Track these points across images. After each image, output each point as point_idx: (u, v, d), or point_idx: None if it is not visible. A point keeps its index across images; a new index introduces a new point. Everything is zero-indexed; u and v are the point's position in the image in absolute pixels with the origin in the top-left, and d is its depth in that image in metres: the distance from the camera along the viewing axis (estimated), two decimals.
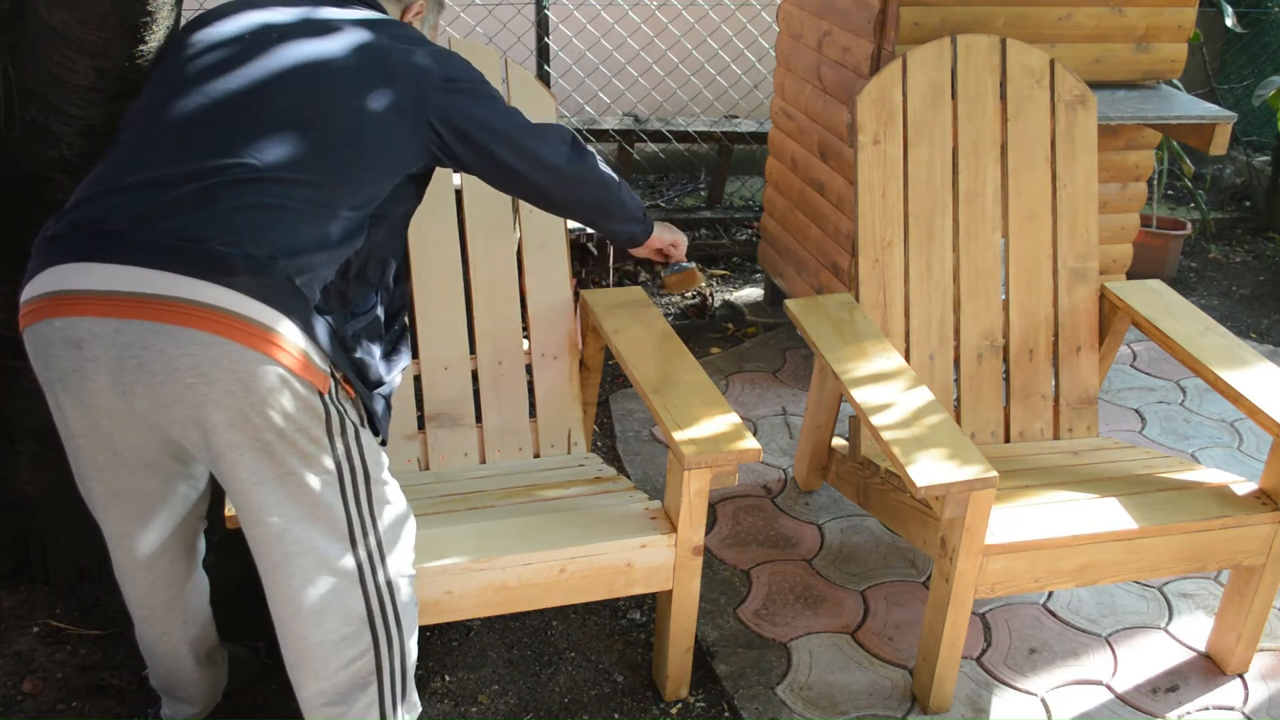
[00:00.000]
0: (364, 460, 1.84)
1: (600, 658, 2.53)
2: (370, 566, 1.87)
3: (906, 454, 2.17)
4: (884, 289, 2.74)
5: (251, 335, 1.63)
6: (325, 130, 1.79)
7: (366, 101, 1.83)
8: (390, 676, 1.93)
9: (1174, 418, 3.58)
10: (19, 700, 2.32)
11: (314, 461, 1.77)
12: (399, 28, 1.97)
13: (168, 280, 1.62)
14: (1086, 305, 2.86)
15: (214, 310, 1.62)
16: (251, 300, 1.65)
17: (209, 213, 1.67)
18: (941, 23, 3.13)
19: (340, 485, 1.81)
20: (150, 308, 1.61)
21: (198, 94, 1.79)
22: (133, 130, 1.81)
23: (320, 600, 1.83)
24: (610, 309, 2.65)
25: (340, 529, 1.82)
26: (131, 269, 1.62)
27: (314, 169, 1.76)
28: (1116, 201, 3.63)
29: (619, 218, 2.25)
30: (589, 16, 5.34)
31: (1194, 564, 2.38)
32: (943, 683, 2.34)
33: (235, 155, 1.72)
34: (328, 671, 1.88)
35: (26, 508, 2.55)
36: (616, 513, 2.27)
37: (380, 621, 1.89)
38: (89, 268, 1.63)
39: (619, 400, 3.57)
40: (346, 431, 1.80)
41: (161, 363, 1.62)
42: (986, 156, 2.81)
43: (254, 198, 1.70)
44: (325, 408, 1.75)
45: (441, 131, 1.92)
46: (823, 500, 3.08)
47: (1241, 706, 2.44)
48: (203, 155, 1.71)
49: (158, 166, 1.71)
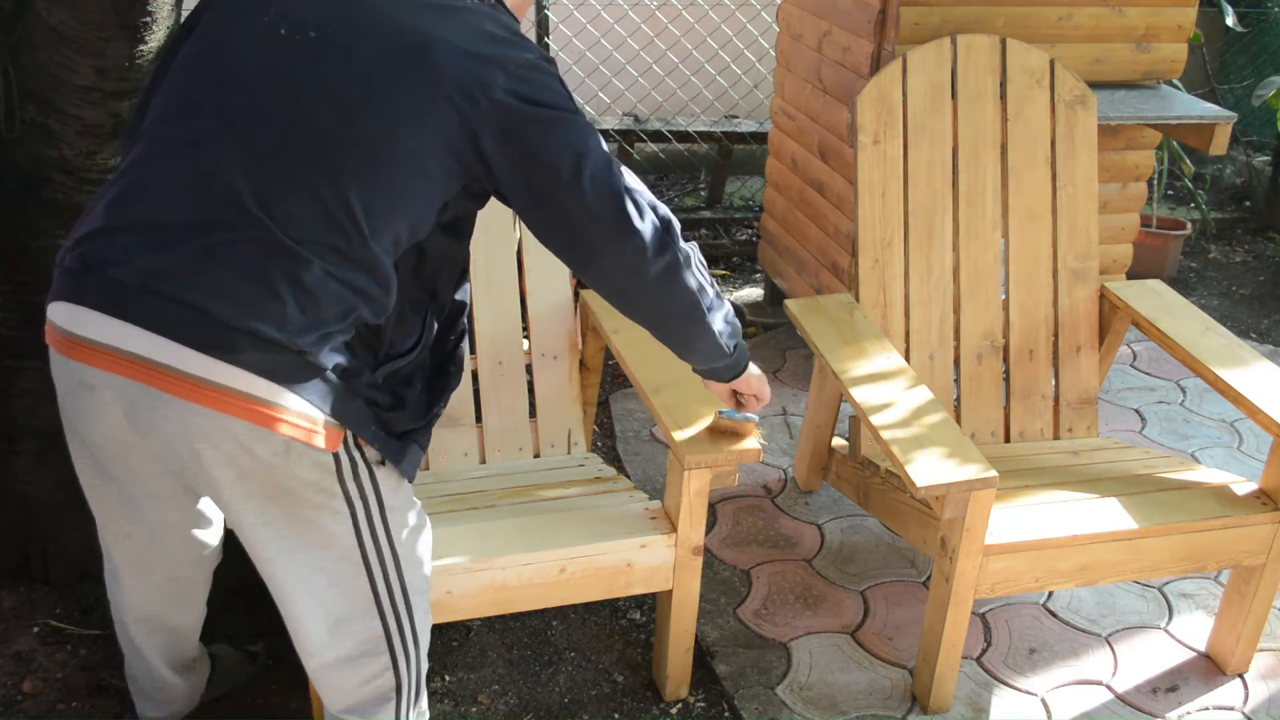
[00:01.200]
0: (379, 494, 1.75)
1: (600, 658, 2.53)
2: (388, 589, 1.82)
3: (906, 454, 2.17)
4: (884, 289, 2.74)
5: (251, 410, 1.58)
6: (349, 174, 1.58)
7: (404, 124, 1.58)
8: (408, 689, 1.92)
9: (1174, 418, 3.58)
10: (19, 700, 2.32)
11: (324, 507, 1.71)
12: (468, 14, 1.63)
13: (169, 350, 1.56)
14: (1086, 305, 2.86)
15: (212, 386, 1.56)
16: (255, 377, 1.57)
17: (216, 279, 1.56)
18: (941, 23, 3.13)
19: (354, 519, 1.74)
20: (153, 374, 1.57)
21: (217, 101, 1.62)
22: (149, 146, 1.65)
23: (336, 625, 1.81)
24: (610, 309, 2.64)
25: (354, 557, 1.77)
26: (136, 330, 1.56)
27: (335, 227, 1.58)
28: (1116, 201, 3.63)
29: (698, 349, 1.91)
30: (589, 16, 5.34)
31: (1194, 564, 2.38)
32: (943, 683, 2.34)
33: (246, 207, 1.56)
34: (349, 687, 1.87)
35: (27, 508, 2.55)
36: (617, 513, 2.27)
37: (398, 639, 1.86)
38: (96, 317, 1.58)
39: (619, 400, 3.57)
40: (359, 475, 1.71)
41: (171, 424, 1.60)
42: (986, 156, 2.81)
43: (264, 265, 1.56)
44: (336, 460, 1.67)
45: (491, 161, 1.62)
46: (823, 500, 3.08)
47: (1241, 706, 2.44)
48: (213, 201, 1.57)
49: (169, 206, 1.59)
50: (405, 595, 1.85)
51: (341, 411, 1.65)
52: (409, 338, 1.77)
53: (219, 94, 1.63)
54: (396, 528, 1.81)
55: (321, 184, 1.58)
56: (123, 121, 2.24)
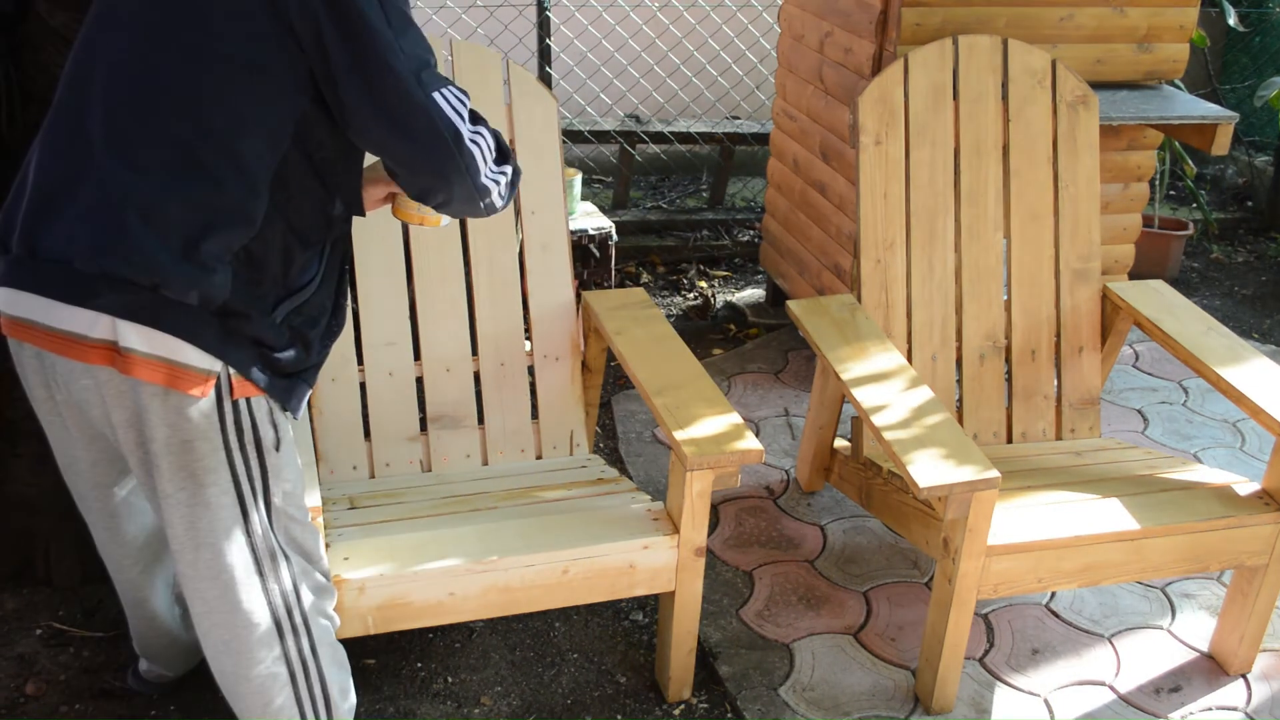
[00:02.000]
0: (266, 482, 1.80)
1: (603, 659, 2.53)
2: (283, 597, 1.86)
3: (908, 455, 2.17)
4: (886, 290, 2.74)
5: (113, 357, 1.65)
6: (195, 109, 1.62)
7: (213, 37, 1.62)
8: (311, 704, 1.94)
9: (1176, 418, 3.58)
10: (21, 703, 2.32)
11: (208, 479, 1.75)
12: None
13: (44, 307, 1.65)
14: (1089, 305, 2.86)
15: (74, 338, 1.65)
16: (116, 321, 1.62)
17: (74, 229, 1.62)
18: (943, 23, 3.13)
19: (243, 511, 1.79)
20: (36, 334, 1.68)
21: (84, 74, 1.69)
22: (44, 129, 1.73)
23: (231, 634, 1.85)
24: (612, 310, 2.65)
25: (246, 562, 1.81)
26: (23, 294, 1.67)
27: (182, 152, 1.62)
28: (1118, 202, 3.63)
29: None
30: (590, 18, 5.35)
31: (1197, 564, 2.37)
32: (945, 683, 2.34)
33: (98, 153, 1.62)
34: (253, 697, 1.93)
35: (29, 510, 2.55)
36: (619, 514, 2.27)
37: (295, 651, 1.90)
38: (5, 292, 1.69)
39: (621, 401, 3.57)
40: (245, 442, 1.75)
41: (62, 367, 1.72)
42: (988, 157, 2.81)
43: (111, 203, 1.60)
44: (220, 413, 1.72)
45: (305, 38, 1.62)
46: (825, 501, 3.08)
47: (1244, 707, 2.44)
48: (73, 158, 1.65)
49: (43, 168, 1.68)
50: (298, 597, 1.88)
51: (219, 350, 1.68)
52: (305, 273, 1.79)
53: (86, 69, 1.70)
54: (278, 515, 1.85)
55: (168, 116, 1.63)
56: None
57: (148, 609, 2.20)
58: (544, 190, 2.68)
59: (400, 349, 2.59)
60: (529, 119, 2.67)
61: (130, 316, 1.62)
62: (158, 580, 2.18)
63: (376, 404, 2.58)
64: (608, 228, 3.92)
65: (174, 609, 2.24)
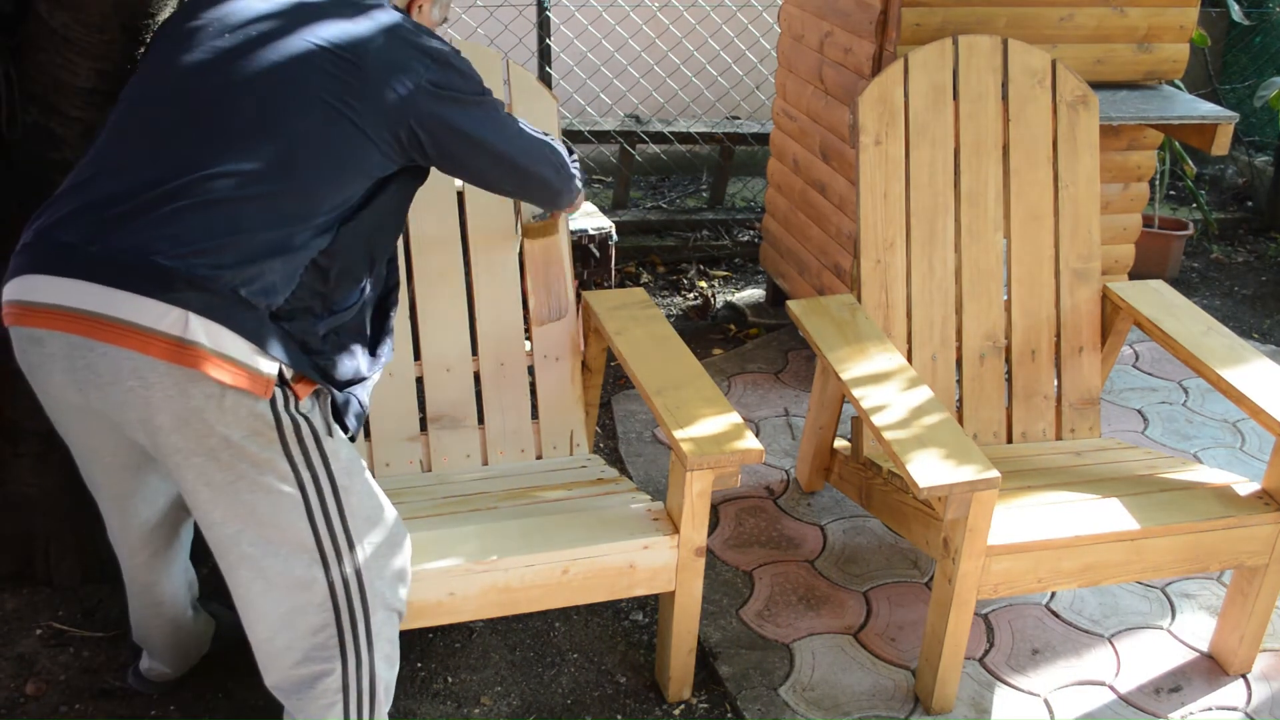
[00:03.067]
0: (329, 470, 1.82)
1: (603, 659, 2.53)
2: (344, 586, 1.86)
3: (908, 455, 2.17)
4: (886, 290, 2.74)
5: (179, 353, 1.65)
6: (287, 137, 1.76)
7: (338, 104, 1.79)
8: (358, 697, 1.94)
9: (1176, 418, 3.58)
10: (21, 703, 2.32)
11: (266, 469, 1.76)
12: (394, 21, 1.89)
13: (107, 296, 1.65)
14: (1089, 306, 2.86)
15: (141, 330, 1.64)
16: (188, 315, 1.65)
17: (158, 228, 1.67)
18: (943, 23, 3.13)
19: (305, 499, 1.80)
20: (87, 323, 1.66)
21: (169, 97, 1.79)
22: (108, 133, 1.81)
23: (283, 612, 1.85)
24: (612, 310, 2.65)
25: (306, 544, 1.82)
26: (78, 283, 1.66)
27: (271, 179, 1.74)
28: (1118, 202, 3.63)
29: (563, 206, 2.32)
30: (590, 18, 5.35)
31: (1197, 564, 2.37)
32: (945, 683, 2.34)
33: (193, 169, 1.71)
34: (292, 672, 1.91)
35: (29, 509, 2.55)
36: (619, 514, 2.27)
37: (350, 638, 1.89)
38: (45, 280, 1.68)
39: (621, 401, 3.57)
40: (304, 439, 1.78)
41: (106, 365, 1.68)
42: (988, 157, 2.81)
43: (205, 210, 1.69)
44: (275, 415, 1.74)
45: (421, 138, 1.87)
46: (825, 501, 3.08)
47: (1244, 707, 2.44)
48: (162, 167, 1.72)
49: (119, 177, 1.72)
50: (361, 589, 1.88)
51: (279, 351, 1.73)
52: (350, 295, 1.90)
53: (173, 94, 1.80)
54: (354, 517, 1.86)
55: (265, 149, 1.74)
56: None
57: (154, 594, 2.19)
58: None
59: (400, 349, 2.59)
60: (529, 119, 2.67)
61: (205, 313, 1.65)
62: (168, 565, 2.17)
63: (377, 404, 2.58)
64: (608, 228, 3.92)
65: (180, 597, 2.23)
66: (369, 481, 1.91)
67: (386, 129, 1.83)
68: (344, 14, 1.86)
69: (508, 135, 2.00)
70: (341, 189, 1.81)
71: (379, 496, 1.93)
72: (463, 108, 1.91)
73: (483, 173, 2.02)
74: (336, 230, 1.82)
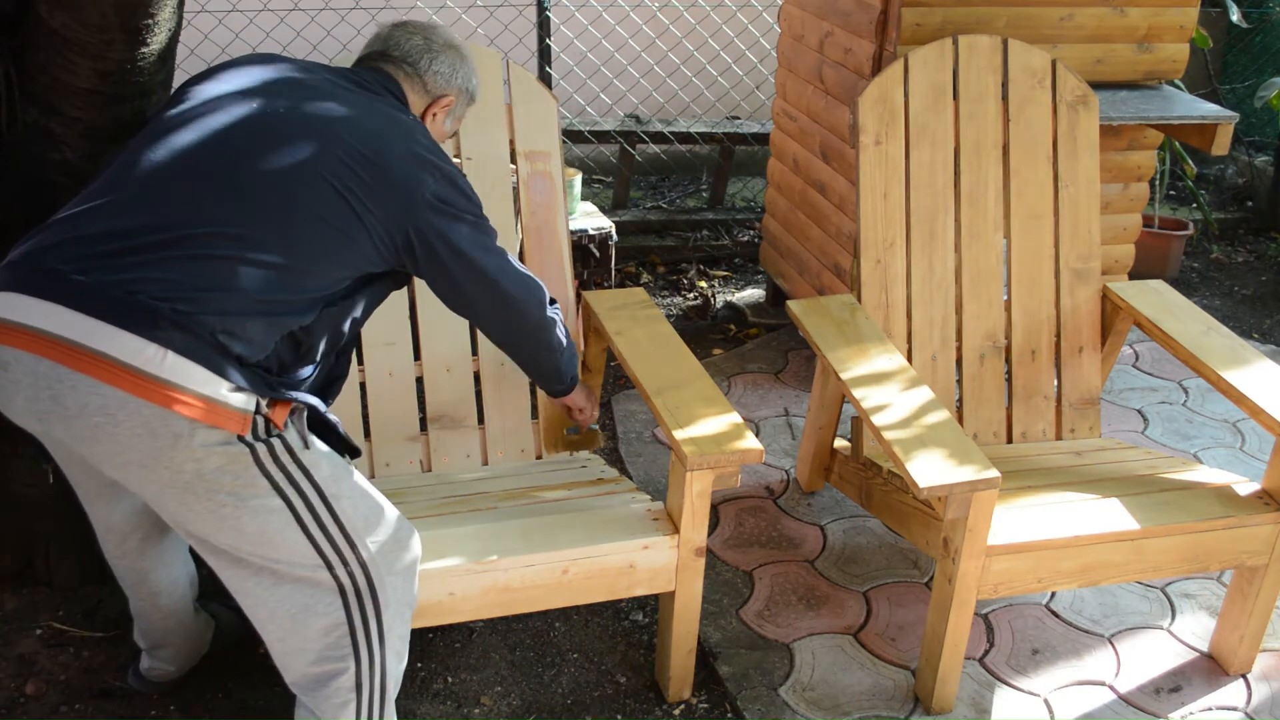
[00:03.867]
0: (313, 482, 1.81)
1: (603, 659, 2.53)
2: (353, 585, 1.87)
3: (908, 454, 2.17)
4: (886, 290, 2.74)
5: (151, 390, 1.65)
6: (295, 212, 1.80)
7: (348, 195, 1.84)
8: (370, 694, 1.94)
9: (1176, 418, 3.58)
10: (22, 703, 2.32)
11: (247, 494, 1.75)
12: (410, 128, 1.98)
13: (85, 325, 1.64)
14: (1089, 306, 2.86)
15: (117, 364, 1.64)
16: (166, 353, 1.65)
17: (148, 270, 1.69)
18: (943, 23, 3.13)
19: (295, 514, 1.80)
20: (59, 349, 1.65)
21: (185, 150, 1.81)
22: (116, 170, 1.82)
23: (291, 613, 1.86)
24: (612, 310, 2.65)
25: (306, 553, 1.82)
26: (59, 309, 1.66)
27: (271, 248, 1.77)
28: (1118, 202, 3.63)
29: (549, 378, 2.35)
30: (590, 18, 5.35)
31: (1197, 564, 2.37)
32: (945, 683, 2.34)
33: (196, 224, 1.74)
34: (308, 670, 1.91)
35: (29, 510, 2.55)
36: (619, 514, 2.27)
37: (363, 636, 1.90)
38: (23, 300, 1.68)
39: (621, 401, 3.57)
40: (280, 458, 1.77)
41: (73, 398, 1.67)
42: (988, 157, 2.81)
43: (200, 263, 1.72)
44: (248, 443, 1.73)
45: (415, 244, 1.94)
46: (825, 501, 3.08)
47: (1244, 707, 2.44)
48: (165, 215, 1.74)
49: (118, 216, 1.73)
50: (371, 587, 1.88)
51: (250, 384, 1.73)
52: (304, 370, 1.92)
53: (189, 147, 1.82)
54: (351, 520, 1.86)
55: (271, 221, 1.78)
56: (124, 124, 2.25)
57: (150, 584, 2.19)
58: (544, 190, 2.68)
59: (400, 349, 2.59)
60: (529, 119, 2.67)
61: (183, 353, 1.66)
62: (161, 552, 2.17)
63: (377, 404, 2.58)
64: (608, 228, 3.92)
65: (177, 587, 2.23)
66: (360, 485, 1.91)
67: (386, 229, 1.89)
68: (372, 109, 1.96)
69: (495, 258, 2.05)
70: (332, 272, 1.86)
71: (375, 497, 1.93)
72: (461, 224, 1.97)
73: (463, 287, 2.04)
74: (320, 310, 1.86)
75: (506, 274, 2.07)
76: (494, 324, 2.16)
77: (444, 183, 1.95)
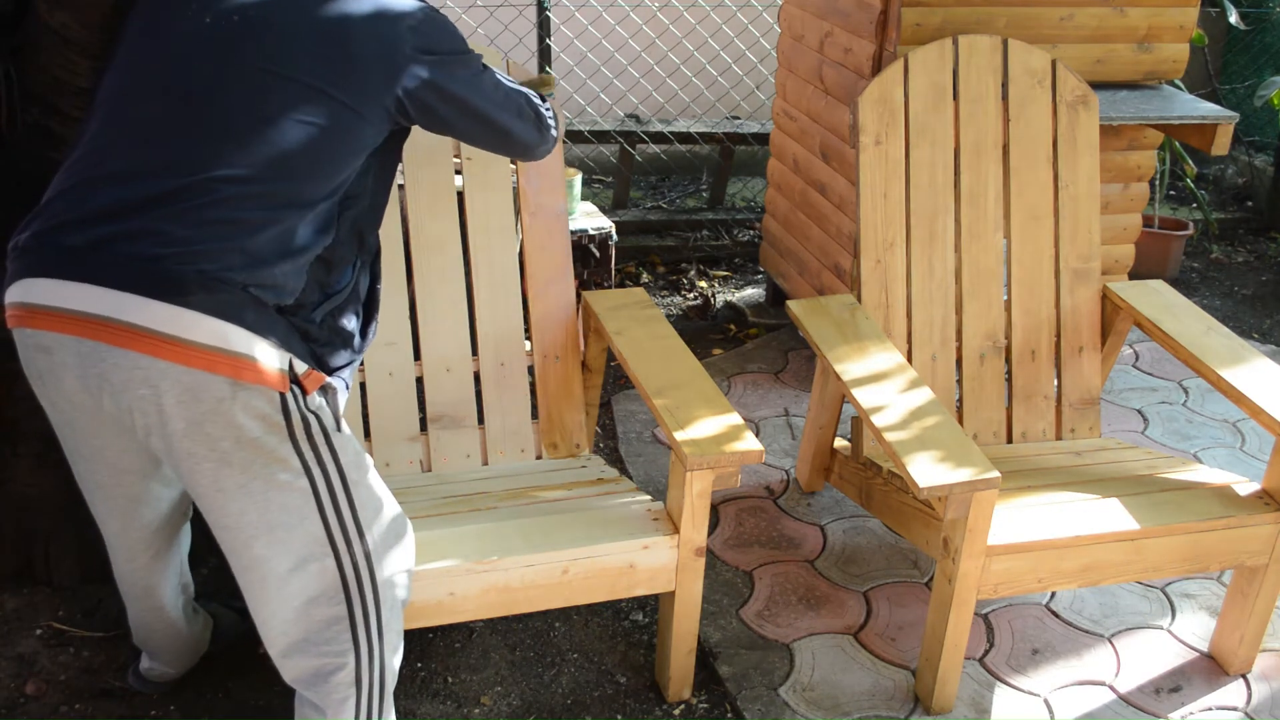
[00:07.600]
0: (339, 465, 1.82)
1: (603, 659, 2.53)
2: (355, 576, 1.87)
3: (908, 455, 2.17)
4: (886, 290, 2.74)
5: (190, 355, 1.65)
6: (279, 128, 1.75)
7: (328, 88, 1.79)
8: (369, 689, 1.94)
9: (1176, 418, 3.58)
10: (22, 703, 2.32)
11: (278, 466, 1.76)
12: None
13: (117, 300, 1.65)
14: (1089, 306, 2.86)
15: (154, 334, 1.64)
16: (201, 317, 1.65)
17: (164, 231, 1.67)
18: (943, 23, 3.13)
19: (315, 494, 1.80)
20: (99, 328, 1.65)
21: (159, 89, 1.77)
22: (99, 125, 1.79)
23: (296, 606, 1.86)
24: (612, 310, 2.65)
25: (318, 537, 1.82)
26: (88, 288, 1.66)
27: (266, 175, 1.74)
28: (1118, 202, 3.63)
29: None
30: (590, 18, 5.35)
31: (1197, 564, 2.37)
32: (945, 683, 2.34)
33: (193, 170, 1.70)
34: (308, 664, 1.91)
35: (29, 510, 2.55)
36: (619, 514, 2.27)
37: (363, 630, 1.90)
38: (49, 284, 1.68)
39: (621, 401, 3.57)
40: (314, 435, 1.78)
41: (118, 374, 1.68)
42: (988, 157, 2.81)
43: (212, 213, 1.69)
44: (285, 411, 1.74)
45: (408, 105, 1.89)
46: (825, 501, 3.08)
47: (1244, 707, 2.44)
48: (161, 167, 1.71)
49: (118, 178, 1.71)
50: (375, 582, 1.89)
51: (287, 344, 1.74)
52: (343, 277, 1.91)
53: (162, 85, 1.78)
54: (363, 507, 1.86)
55: (262, 145, 1.74)
56: None
57: (155, 598, 2.19)
58: (544, 190, 2.68)
59: (400, 349, 2.59)
60: None
61: (216, 313, 1.66)
62: (167, 568, 2.17)
63: (376, 404, 2.58)
64: (608, 228, 3.92)
65: (179, 598, 2.24)
66: (374, 475, 1.92)
67: (375, 103, 1.84)
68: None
69: (486, 91, 2.01)
70: (337, 172, 1.82)
71: (384, 489, 1.94)
72: (445, 69, 1.92)
73: (461, 128, 2.04)
74: (337, 221, 1.84)
75: (501, 105, 2.05)
76: (488, 146, 2.18)
77: (421, 29, 1.88)
